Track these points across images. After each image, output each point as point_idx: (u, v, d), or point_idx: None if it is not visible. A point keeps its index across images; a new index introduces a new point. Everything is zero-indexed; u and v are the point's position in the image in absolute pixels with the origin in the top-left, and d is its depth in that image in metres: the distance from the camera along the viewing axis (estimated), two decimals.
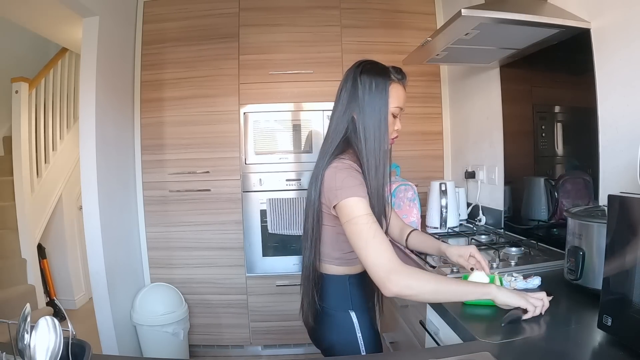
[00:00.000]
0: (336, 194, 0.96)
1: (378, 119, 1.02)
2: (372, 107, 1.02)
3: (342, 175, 0.97)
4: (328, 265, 1.08)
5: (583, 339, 0.83)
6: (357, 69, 1.06)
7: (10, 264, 2.73)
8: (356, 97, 1.03)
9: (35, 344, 0.62)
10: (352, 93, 1.03)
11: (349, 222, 0.93)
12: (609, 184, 1.22)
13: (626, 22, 1.15)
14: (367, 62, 1.08)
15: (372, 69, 1.05)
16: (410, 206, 1.82)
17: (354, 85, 1.03)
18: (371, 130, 1.02)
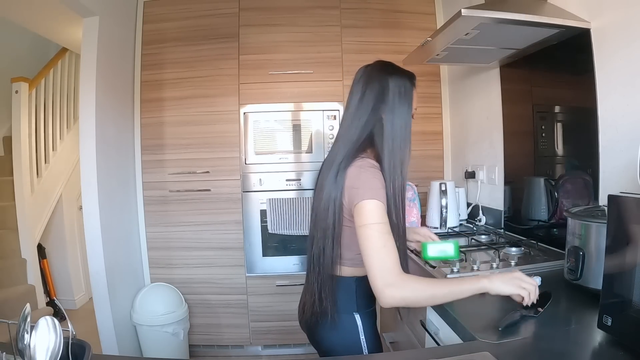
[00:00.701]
0: (358, 193, 0.96)
1: (405, 121, 1.07)
2: (401, 110, 1.05)
3: (367, 176, 0.98)
4: (339, 266, 1.06)
5: (583, 339, 0.83)
6: (385, 70, 1.09)
7: (10, 264, 2.73)
8: (386, 99, 1.05)
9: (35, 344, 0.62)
10: (380, 94, 1.05)
11: (365, 226, 0.93)
12: (609, 184, 1.22)
13: (626, 22, 1.15)
14: (392, 64, 1.11)
15: (401, 73, 1.08)
16: (410, 206, 1.82)
17: (383, 86, 1.05)
18: (398, 132, 1.06)
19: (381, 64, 1.11)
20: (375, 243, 0.91)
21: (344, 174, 1.00)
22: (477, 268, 1.23)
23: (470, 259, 1.33)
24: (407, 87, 1.07)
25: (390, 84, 1.05)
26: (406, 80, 1.07)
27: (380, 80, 1.06)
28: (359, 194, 0.96)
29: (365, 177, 0.97)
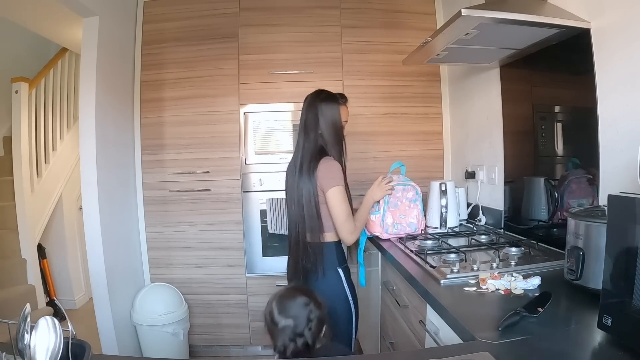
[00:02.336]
0: (328, 183, 1.46)
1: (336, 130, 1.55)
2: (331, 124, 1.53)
3: (331, 168, 1.48)
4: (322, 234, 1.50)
5: (583, 339, 0.83)
6: (318, 97, 1.56)
7: (10, 264, 2.73)
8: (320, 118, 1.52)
9: (35, 344, 0.62)
10: (316, 115, 1.53)
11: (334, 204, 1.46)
12: (609, 184, 1.22)
13: (626, 22, 1.15)
14: (323, 91, 1.58)
15: (329, 97, 1.57)
16: (411, 207, 1.80)
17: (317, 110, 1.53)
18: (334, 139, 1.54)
19: (316, 92, 1.58)
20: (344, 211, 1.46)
21: (316, 172, 1.47)
22: (477, 268, 1.23)
23: (470, 259, 1.33)
24: (333, 107, 1.55)
25: (321, 107, 1.53)
26: (332, 102, 1.55)
27: (315, 105, 1.54)
28: (329, 184, 1.46)
29: (330, 169, 1.47)
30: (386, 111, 2.42)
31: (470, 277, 1.18)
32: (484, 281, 1.11)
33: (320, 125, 1.52)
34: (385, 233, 1.78)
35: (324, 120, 1.52)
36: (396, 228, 1.78)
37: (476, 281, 1.15)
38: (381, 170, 2.23)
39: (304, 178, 1.49)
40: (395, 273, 1.51)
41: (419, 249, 1.51)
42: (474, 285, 1.13)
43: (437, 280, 1.19)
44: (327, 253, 1.50)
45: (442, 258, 1.37)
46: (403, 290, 1.44)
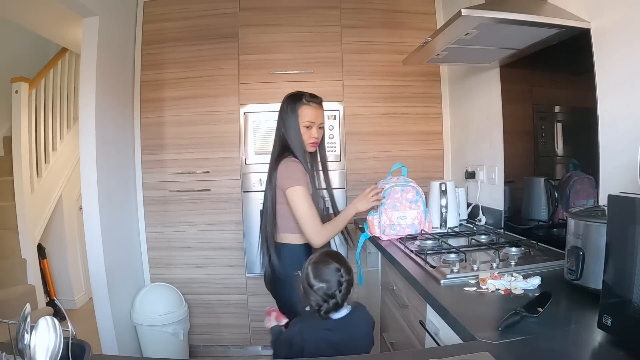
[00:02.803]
0: (286, 182, 1.45)
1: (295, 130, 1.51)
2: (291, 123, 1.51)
3: (290, 169, 1.47)
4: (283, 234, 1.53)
5: (583, 339, 0.83)
6: (284, 100, 1.55)
7: (10, 264, 2.73)
8: (281, 120, 1.54)
9: (35, 344, 0.62)
10: (279, 117, 1.55)
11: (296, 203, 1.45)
12: (609, 184, 1.21)
13: (626, 22, 1.15)
14: (292, 93, 1.56)
15: (291, 98, 1.54)
16: (412, 207, 1.78)
17: (280, 112, 1.54)
18: (294, 140, 1.51)
19: (286, 96, 1.57)
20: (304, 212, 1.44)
21: (275, 172, 1.49)
22: (477, 268, 1.23)
23: (470, 259, 1.33)
24: (294, 107, 1.52)
25: (284, 108, 1.53)
26: (293, 102, 1.52)
27: (280, 108, 1.55)
28: (287, 183, 1.45)
29: (287, 169, 1.47)
30: (386, 111, 2.42)
31: (470, 277, 1.18)
32: (484, 281, 1.11)
33: (283, 126, 1.53)
34: (383, 235, 1.77)
35: (284, 121, 1.52)
36: (394, 230, 1.76)
37: (476, 281, 1.14)
38: (382, 171, 2.24)
39: (268, 178, 1.55)
40: (395, 273, 1.51)
41: (419, 249, 1.50)
42: (474, 285, 1.13)
43: (437, 280, 1.19)
44: (286, 255, 1.51)
45: (442, 258, 1.37)
46: (403, 290, 1.44)
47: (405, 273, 1.35)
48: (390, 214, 1.76)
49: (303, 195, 1.45)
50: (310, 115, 1.53)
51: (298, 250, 1.52)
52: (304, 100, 1.53)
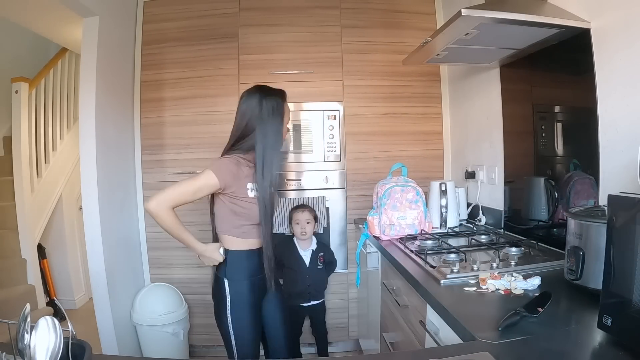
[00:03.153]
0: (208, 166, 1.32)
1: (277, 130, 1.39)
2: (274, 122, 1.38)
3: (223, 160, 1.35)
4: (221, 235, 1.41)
5: (583, 339, 0.83)
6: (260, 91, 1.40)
7: (10, 264, 2.73)
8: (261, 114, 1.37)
9: (35, 344, 0.62)
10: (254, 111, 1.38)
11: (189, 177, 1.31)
12: (609, 184, 1.22)
13: (626, 22, 1.15)
14: (265, 87, 1.44)
15: (274, 93, 1.42)
16: (412, 207, 1.78)
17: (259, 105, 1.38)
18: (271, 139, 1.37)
19: (257, 87, 1.43)
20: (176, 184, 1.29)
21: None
22: (477, 268, 1.23)
23: (470, 259, 1.33)
24: (277, 103, 1.40)
25: (264, 103, 1.37)
26: (277, 98, 1.41)
27: (255, 100, 1.38)
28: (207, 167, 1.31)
29: (218, 161, 1.35)
30: (386, 111, 2.42)
31: (470, 277, 1.18)
32: (484, 281, 1.11)
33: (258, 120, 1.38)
34: (383, 235, 1.77)
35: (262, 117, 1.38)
36: (393, 230, 1.76)
37: (476, 281, 1.15)
38: (382, 171, 2.24)
39: None
40: (395, 273, 1.51)
41: (419, 249, 1.50)
42: (474, 285, 1.13)
43: (437, 280, 1.19)
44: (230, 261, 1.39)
45: (442, 258, 1.37)
46: (403, 290, 1.44)
47: (405, 273, 1.35)
48: (390, 214, 1.76)
49: (200, 176, 1.30)
50: (288, 114, 1.48)
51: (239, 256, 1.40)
52: (284, 97, 1.45)
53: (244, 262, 1.40)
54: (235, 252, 1.40)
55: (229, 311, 1.38)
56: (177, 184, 1.30)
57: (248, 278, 1.40)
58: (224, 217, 1.39)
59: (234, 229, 1.38)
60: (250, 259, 1.41)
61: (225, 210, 1.37)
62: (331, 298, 2.39)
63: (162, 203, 1.27)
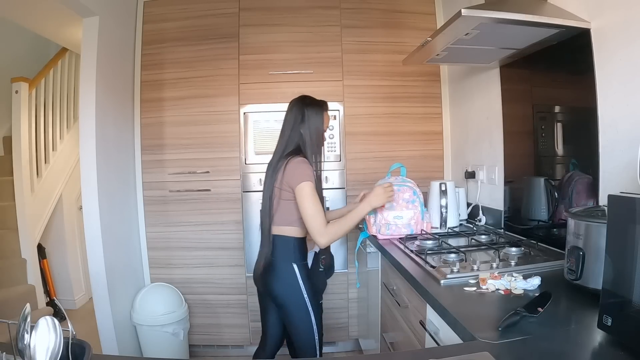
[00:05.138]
0: (296, 179, 1.47)
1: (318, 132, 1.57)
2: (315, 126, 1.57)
3: (301, 166, 1.50)
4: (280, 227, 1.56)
5: (583, 339, 0.83)
6: (303, 101, 1.60)
7: (10, 264, 2.73)
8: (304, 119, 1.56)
9: (35, 344, 0.62)
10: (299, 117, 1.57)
11: (304, 200, 1.46)
12: (609, 184, 1.22)
13: (626, 22, 1.15)
14: (308, 97, 1.63)
15: (315, 102, 1.60)
16: (409, 207, 1.78)
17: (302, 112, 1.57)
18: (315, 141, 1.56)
19: (302, 97, 1.63)
20: (310, 209, 1.46)
21: (282, 169, 1.51)
22: (477, 268, 1.23)
23: (470, 259, 1.33)
24: (318, 112, 1.58)
25: (307, 112, 1.57)
26: (318, 107, 1.59)
27: (301, 109, 1.58)
28: (297, 180, 1.47)
29: (298, 166, 1.49)
30: (386, 111, 2.42)
31: (470, 277, 1.18)
32: (484, 281, 1.11)
33: (303, 128, 1.56)
34: (378, 234, 1.77)
35: (307, 125, 1.56)
36: (389, 229, 1.76)
37: (476, 281, 1.15)
38: (381, 171, 2.24)
39: (269, 173, 1.58)
40: (395, 273, 1.51)
41: (419, 249, 1.51)
42: (474, 285, 1.13)
43: (437, 280, 1.19)
44: (281, 246, 1.55)
45: (442, 258, 1.37)
46: (403, 290, 1.44)
47: (405, 273, 1.35)
48: (386, 213, 1.75)
49: (312, 192, 1.48)
50: (327, 122, 1.65)
51: (292, 242, 1.56)
52: (324, 107, 1.62)
53: (303, 247, 1.61)
54: (298, 239, 1.57)
55: (305, 293, 1.53)
56: (310, 211, 1.47)
57: (305, 259, 1.62)
58: (291, 210, 1.54)
59: (296, 220, 1.55)
60: (304, 245, 1.62)
61: (292, 205, 1.53)
62: (331, 298, 2.39)
63: (323, 232, 1.47)
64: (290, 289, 1.53)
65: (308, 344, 1.55)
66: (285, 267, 1.54)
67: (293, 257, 1.55)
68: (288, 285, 1.53)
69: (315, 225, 1.46)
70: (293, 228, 1.56)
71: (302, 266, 1.57)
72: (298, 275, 1.54)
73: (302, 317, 1.53)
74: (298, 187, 1.47)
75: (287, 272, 1.54)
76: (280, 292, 1.55)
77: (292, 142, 1.57)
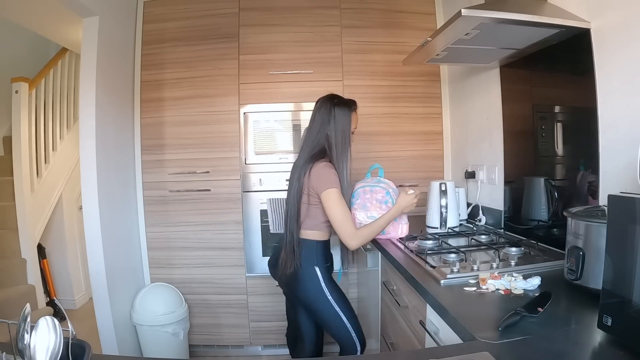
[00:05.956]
0: (322, 185, 1.48)
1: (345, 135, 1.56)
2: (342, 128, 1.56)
3: (326, 172, 1.50)
4: (301, 230, 1.56)
5: (583, 339, 0.83)
6: (331, 101, 1.57)
7: (10, 264, 2.73)
8: (330, 121, 1.54)
9: (35, 344, 0.62)
10: (326, 118, 1.55)
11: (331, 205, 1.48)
12: (609, 184, 1.22)
13: (626, 22, 1.15)
14: (337, 96, 1.61)
15: (343, 102, 1.58)
16: (382, 208, 1.72)
17: (329, 113, 1.55)
18: (340, 143, 1.55)
19: (330, 96, 1.60)
20: (339, 214, 1.47)
21: (307, 174, 1.52)
22: (477, 268, 1.23)
23: (470, 259, 1.33)
24: (346, 112, 1.56)
25: (334, 111, 1.54)
26: (345, 107, 1.56)
27: (328, 108, 1.55)
28: (323, 186, 1.48)
29: (325, 173, 1.50)
30: (386, 111, 2.42)
31: (470, 277, 1.18)
32: (484, 281, 1.11)
33: (330, 128, 1.54)
34: None
35: (334, 125, 1.54)
36: None
37: (476, 281, 1.15)
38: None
39: (296, 176, 1.57)
40: (395, 273, 1.51)
41: (419, 249, 1.50)
42: (474, 285, 1.13)
43: (437, 280, 1.19)
44: (305, 250, 1.55)
45: (442, 258, 1.37)
46: (403, 290, 1.44)
47: (405, 273, 1.35)
48: (360, 213, 1.73)
49: (339, 198, 1.48)
50: (355, 122, 1.62)
51: (315, 245, 1.56)
52: (353, 107, 1.60)
53: (327, 249, 1.62)
54: (321, 242, 1.58)
55: (328, 294, 1.53)
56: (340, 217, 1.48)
57: (328, 261, 1.62)
58: (317, 215, 1.55)
59: (321, 224, 1.56)
60: (328, 248, 1.63)
61: (318, 210, 1.54)
62: None
63: (354, 236, 1.49)
64: (313, 292, 1.54)
65: (346, 338, 1.57)
66: (308, 271, 1.54)
67: (315, 260, 1.55)
68: (311, 288, 1.54)
69: (346, 230, 1.48)
70: (317, 232, 1.57)
71: (325, 269, 1.56)
72: (320, 279, 1.53)
73: (331, 316, 1.55)
74: (324, 193, 1.49)
75: (310, 275, 1.54)
76: (304, 295, 1.56)
77: (319, 144, 1.56)
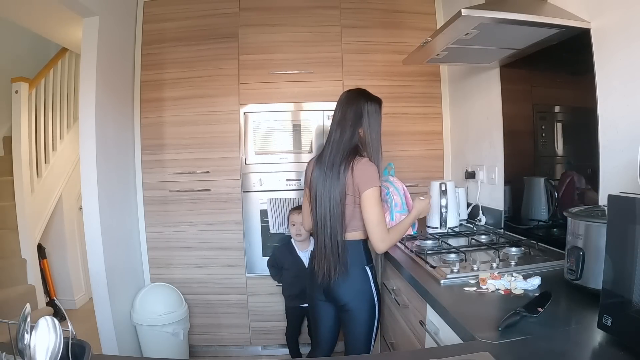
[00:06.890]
0: (365, 184, 1.41)
1: (378, 133, 1.50)
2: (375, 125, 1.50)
3: (369, 169, 1.43)
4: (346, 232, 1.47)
5: (583, 339, 0.83)
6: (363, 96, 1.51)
7: (10, 264, 2.73)
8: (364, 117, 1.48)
9: (35, 344, 0.62)
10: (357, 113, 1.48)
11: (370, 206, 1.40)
12: (609, 184, 1.22)
13: (626, 22, 1.15)
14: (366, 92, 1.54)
15: (374, 99, 1.52)
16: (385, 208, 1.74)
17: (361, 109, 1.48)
18: (375, 141, 1.49)
19: (359, 90, 1.54)
20: (378, 215, 1.41)
21: (348, 172, 1.42)
22: (477, 268, 1.23)
23: (470, 259, 1.33)
24: (378, 108, 1.52)
25: (367, 107, 1.48)
26: (378, 103, 1.52)
27: (360, 103, 1.48)
28: (367, 185, 1.41)
29: (368, 169, 1.43)
30: (386, 111, 2.36)
31: (470, 277, 1.18)
32: (484, 281, 1.11)
33: (363, 124, 1.47)
34: None
35: (368, 121, 1.47)
36: None
37: (476, 281, 1.15)
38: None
39: (334, 175, 1.44)
40: (395, 273, 1.51)
41: (419, 249, 1.51)
42: (474, 285, 1.13)
43: (437, 280, 1.19)
44: (352, 251, 1.46)
45: (442, 258, 1.37)
46: (403, 290, 1.44)
47: (405, 273, 1.35)
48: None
49: (379, 197, 1.42)
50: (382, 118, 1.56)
51: (360, 246, 1.50)
52: (381, 105, 1.54)
53: (369, 248, 1.53)
54: (364, 241, 1.51)
55: (376, 295, 1.49)
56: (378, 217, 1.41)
57: (372, 261, 1.55)
58: (359, 215, 1.46)
59: (361, 224, 1.48)
60: (369, 247, 1.53)
61: (359, 209, 1.46)
62: None
63: (386, 239, 1.42)
64: (361, 294, 1.47)
65: (364, 342, 1.50)
66: (358, 273, 1.47)
67: (366, 260, 1.49)
68: (359, 290, 1.47)
69: (379, 232, 1.40)
70: (360, 232, 1.49)
71: (372, 268, 1.51)
72: (371, 279, 1.48)
73: (368, 320, 1.49)
74: (367, 192, 1.40)
75: (360, 276, 1.47)
76: (351, 298, 1.47)
77: (352, 141, 1.46)
